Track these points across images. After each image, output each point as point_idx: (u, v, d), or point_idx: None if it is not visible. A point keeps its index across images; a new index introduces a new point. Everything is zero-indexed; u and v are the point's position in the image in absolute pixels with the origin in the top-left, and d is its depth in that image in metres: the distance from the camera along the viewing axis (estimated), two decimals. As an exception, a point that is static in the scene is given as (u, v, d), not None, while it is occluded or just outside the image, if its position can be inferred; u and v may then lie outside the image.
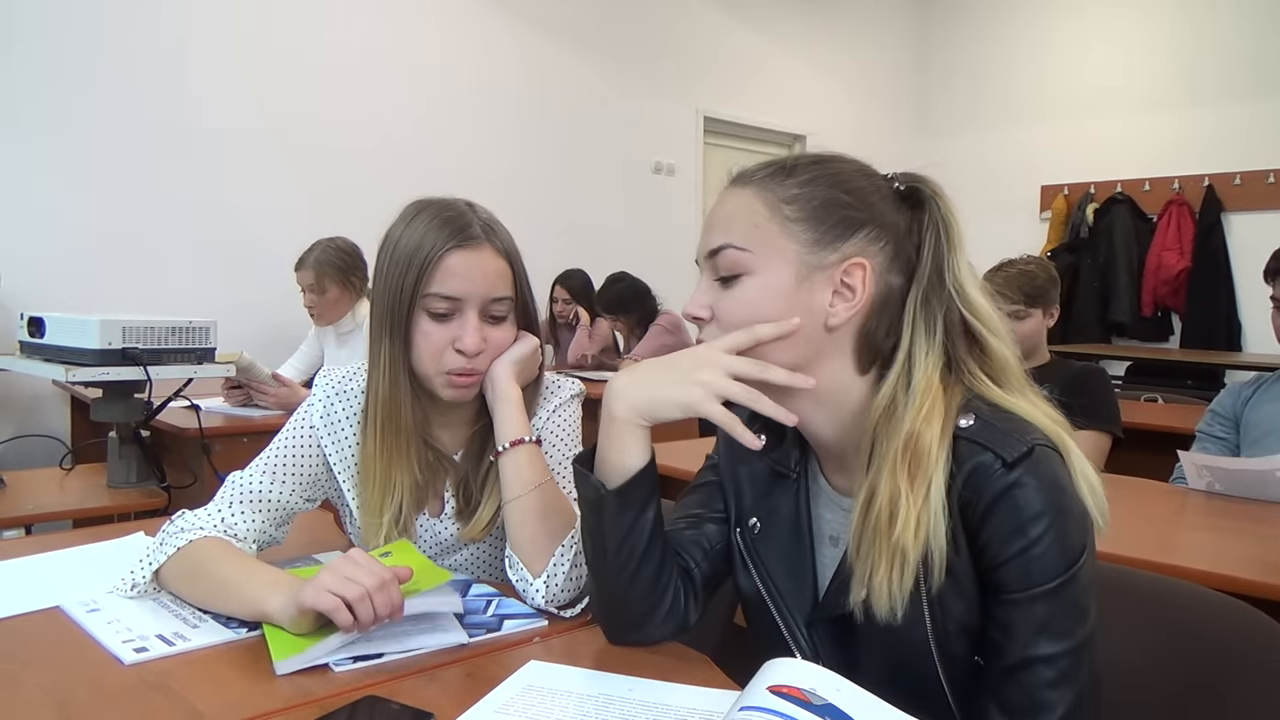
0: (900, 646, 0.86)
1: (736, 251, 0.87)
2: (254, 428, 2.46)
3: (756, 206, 0.88)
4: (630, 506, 0.92)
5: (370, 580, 0.92)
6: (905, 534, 0.80)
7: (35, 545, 1.34)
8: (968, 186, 7.60)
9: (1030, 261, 2.48)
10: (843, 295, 0.87)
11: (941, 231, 0.89)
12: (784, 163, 0.91)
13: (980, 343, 0.88)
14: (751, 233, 0.87)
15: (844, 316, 0.87)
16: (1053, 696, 0.80)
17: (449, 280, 1.12)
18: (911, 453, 0.82)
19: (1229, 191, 5.81)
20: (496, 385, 1.16)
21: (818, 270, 0.86)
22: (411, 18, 4.58)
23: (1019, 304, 2.40)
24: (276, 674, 0.89)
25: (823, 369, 0.88)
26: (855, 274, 0.86)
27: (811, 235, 0.86)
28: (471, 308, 1.13)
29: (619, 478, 0.92)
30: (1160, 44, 6.13)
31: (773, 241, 0.87)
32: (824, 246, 0.86)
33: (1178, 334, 6.06)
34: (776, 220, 0.87)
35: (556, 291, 4.61)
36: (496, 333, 1.16)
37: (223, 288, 3.88)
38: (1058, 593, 0.79)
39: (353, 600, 0.90)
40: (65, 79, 3.56)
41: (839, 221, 0.87)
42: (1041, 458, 0.81)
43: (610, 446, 0.92)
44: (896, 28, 7.22)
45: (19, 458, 2.83)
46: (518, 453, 1.13)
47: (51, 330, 2.03)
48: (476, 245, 1.13)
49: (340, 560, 0.95)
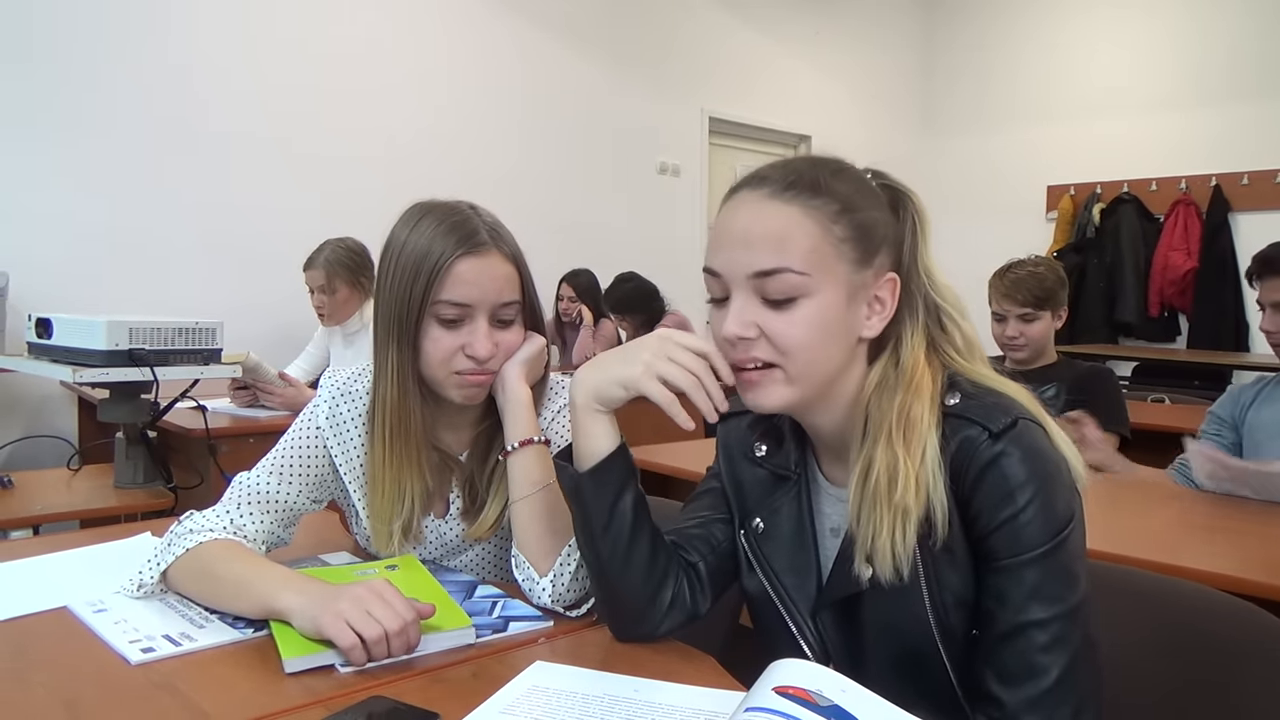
0: (901, 626, 0.88)
1: (797, 276, 0.86)
2: (260, 428, 2.46)
3: (809, 228, 0.87)
4: (606, 487, 0.95)
5: (392, 623, 0.91)
6: (906, 495, 0.84)
7: (43, 545, 1.35)
8: (974, 187, 7.59)
9: (1039, 263, 2.47)
10: (874, 309, 0.91)
11: (918, 225, 0.94)
12: (803, 175, 0.89)
13: (947, 323, 0.93)
14: (809, 256, 0.86)
15: (876, 329, 0.91)
16: (1046, 661, 0.82)
17: (458, 288, 1.11)
18: (905, 422, 0.86)
19: (1236, 191, 5.79)
20: (507, 386, 1.17)
21: (861, 289, 0.90)
22: (417, 18, 4.58)
23: (1028, 306, 2.39)
24: (285, 671, 0.89)
25: (846, 372, 0.92)
26: (888, 288, 0.91)
27: (856, 255, 0.89)
28: (482, 314, 1.13)
29: (590, 460, 0.95)
30: (1167, 44, 6.11)
31: (828, 264, 0.87)
32: (864, 265, 0.89)
33: (1184, 334, 6.04)
34: (829, 242, 0.87)
35: (563, 289, 4.63)
36: (506, 336, 1.16)
37: (230, 289, 3.88)
38: (1047, 558, 0.83)
39: (370, 641, 0.90)
40: (74, 82, 3.57)
41: (876, 239, 0.90)
42: (1025, 430, 0.85)
43: (578, 434, 0.96)
44: (902, 28, 7.21)
45: (27, 458, 2.85)
46: (527, 453, 1.14)
47: (59, 331, 2.04)
48: (485, 251, 1.13)
49: (366, 591, 0.93)
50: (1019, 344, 2.43)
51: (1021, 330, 2.42)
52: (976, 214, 6.55)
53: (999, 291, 2.43)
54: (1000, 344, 2.49)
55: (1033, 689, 0.82)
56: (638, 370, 0.90)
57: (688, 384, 0.89)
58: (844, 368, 0.91)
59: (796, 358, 0.87)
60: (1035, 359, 2.46)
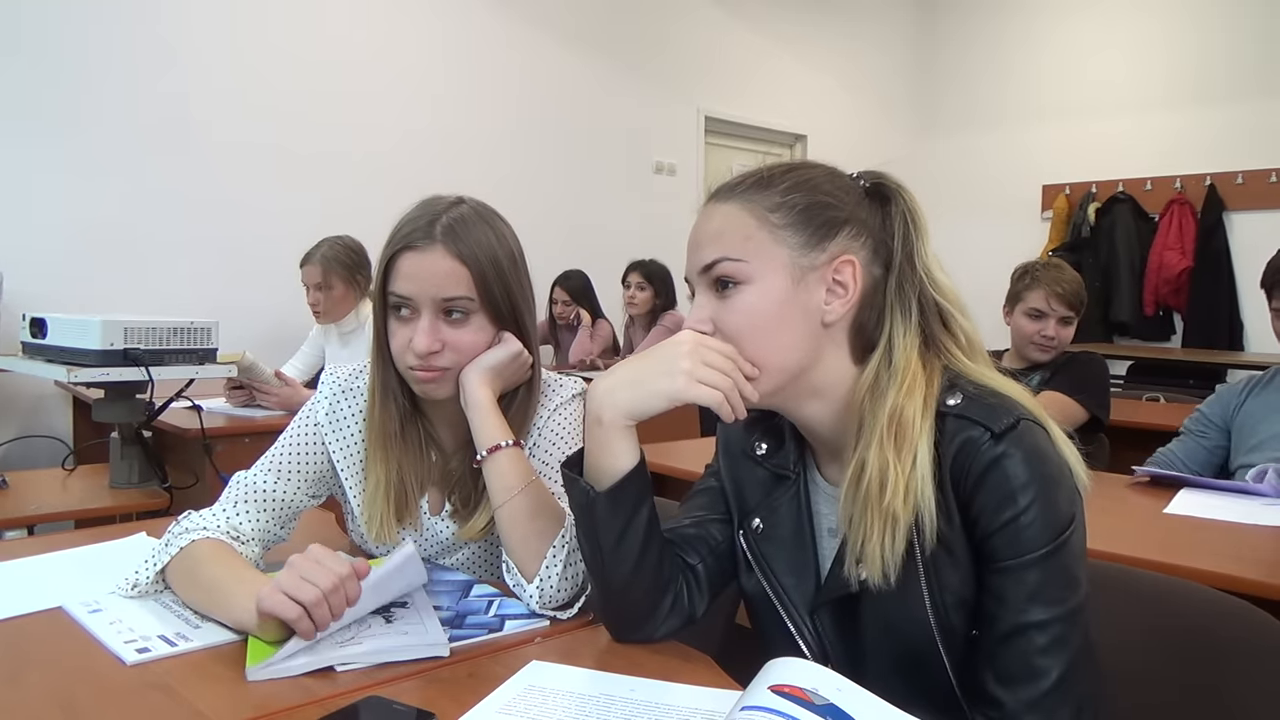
0: (901, 625, 0.88)
1: (732, 263, 0.90)
2: (256, 428, 2.46)
3: (744, 219, 0.91)
4: (622, 507, 0.94)
5: (325, 580, 0.91)
6: (895, 500, 0.84)
7: (38, 546, 1.34)
8: (969, 186, 7.60)
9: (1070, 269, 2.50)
10: (835, 292, 0.91)
11: (909, 221, 0.94)
12: (759, 175, 0.94)
13: (950, 322, 0.93)
14: (743, 244, 0.90)
15: (840, 312, 0.91)
16: (1046, 663, 0.82)
17: (399, 280, 1.14)
18: (896, 425, 0.86)
19: (1231, 191, 5.81)
20: (465, 392, 1.16)
21: (810, 271, 0.90)
22: (412, 19, 4.57)
23: (1073, 310, 2.42)
24: (247, 679, 0.88)
25: (822, 364, 0.92)
26: (845, 270, 0.91)
27: (799, 239, 0.90)
28: (425, 307, 1.13)
29: (608, 480, 0.93)
30: (1162, 43, 6.12)
31: (765, 249, 0.90)
32: (812, 248, 0.90)
33: (1179, 333, 6.05)
34: (765, 229, 0.90)
35: (556, 293, 4.61)
36: (455, 334, 1.14)
37: (225, 288, 3.88)
38: (1048, 560, 0.83)
39: (309, 604, 0.89)
40: (67, 80, 3.56)
41: (823, 223, 0.91)
42: (1026, 431, 0.85)
43: (599, 452, 0.94)
44: (899, 27, 7.21)
45: (21, 458, 2.84)
46: (497, 459, 1.12)
47: (54, 331, 2.03)
48: (426, 246, 1.13)
49: (298, 558, 0.95)
50: (1051, 344, 2.43)
51: (1058, 332, 2.43)
52: (972, 213, 6.56)
53: (1049, 289, 2.41)
54: (1028, 341, 2.47)
55: (1033, 690, 0.82)
56: (680, 381, 0.88)
57: (727, 385, 0.89)
58: (813, 357, 0.91)
59: (744, 344, 0.89)
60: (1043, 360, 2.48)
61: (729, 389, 0.88)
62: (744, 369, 0.89)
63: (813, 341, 0.91)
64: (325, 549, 0.97)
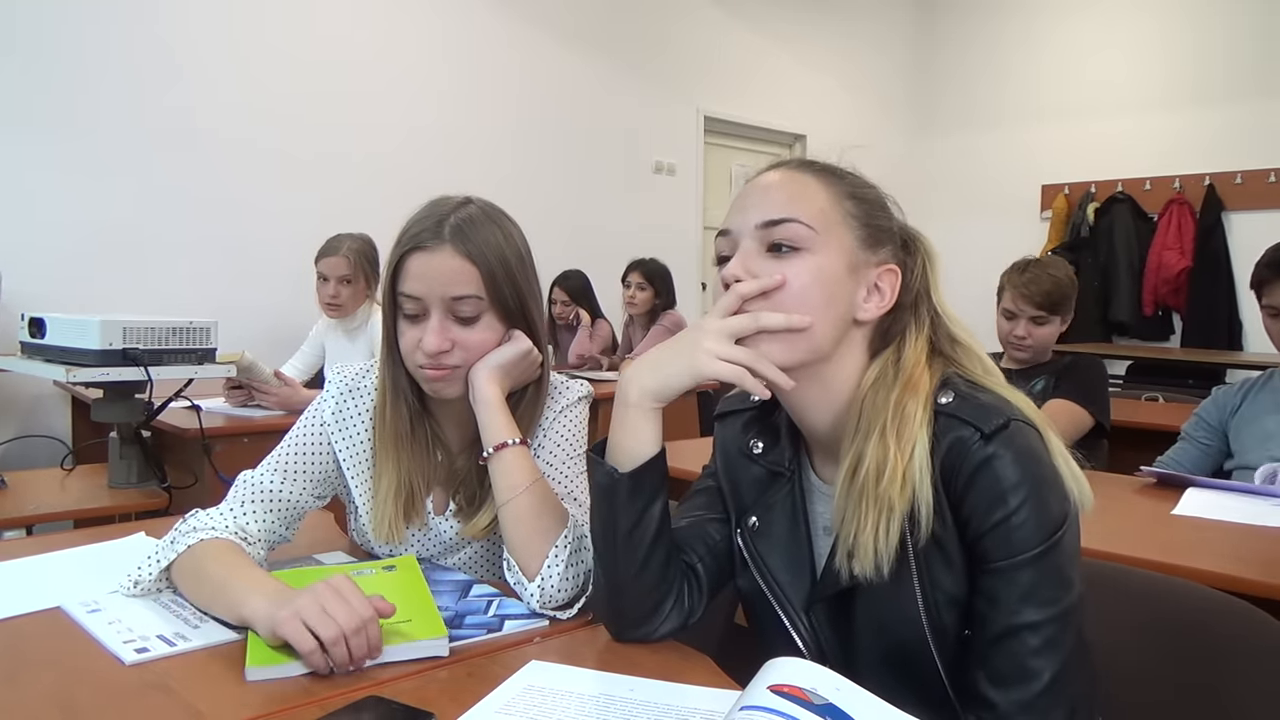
0: (893, 624, 0.89)
1: (803, 228, 0.90)
2: (255, 428, 2.46)
3: (822, 193, 0.92)
4: (642, 492, 0.95)
5: (348, 621, 0.89)
6: (891, 488, 0.84)
7: (36, 546, 1.34)
8: (968, 186, 7.62)
9: (1055, 266, 2.44)
10: (873, 295, 0.93)
11: (928, 264, 0.97)
12: (831, 165, 0.96)
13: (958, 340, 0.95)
14: (818, 215, 0.91)
15: (872, 314, 0.93)
16: (1039, 664, 0.82)
17: (408, 281, 1.14)
18: (900, 418, 0.87)
19: (1230, 190, 5.81)
20: (474, 389, 1.16)
21: (861, 267, 0.92)
22: (413, 17, 4.58)
23: (1042, 309, 2.36)
24: (246, 679, 0.88)
25: (839, 358, 0.93)
26: (887, 279, 0.93)
27: (863, 233, 0.93)
28: (434, 307, 1.13)
29: (631, 463, 0.94)
30: (1161, 43, 6.13)
31: (834, 228, 0.91)
32: (868, 247, 0.93)
33: (1178, 333, 6.06)
34: (839, 210, 0.92)
35: (555, 293, 4.60)
36: (465, 333, 1.15)
37: (224, 288, 3.88)
38: (1040, 561, 0.83)
39: (327, 642, 0.88)
40: (66, 80, 3.56)
41: (879, 229, 0.94)
42: (1017, 432, 0.85)
43: (624, 433, 0.95)
44: (898, 27, 7.22)
45: (20, 458, 2.84)
46: (503, 456, 1.13)
47: (52, 331, 2.03)
48: (435, 246, 1.13)
49: (324, 587, 0.92)
50: (1025, 344, 2.40)
51: (1030, 331, 2.39)
52: (971, 213, 6.57)
53: (1016, 290, 2.38)
54: (1004, 341, 2.46)
55: (1025, 692, 0.82)
56: (701, 358, 0.89)
57: (750, 357, 0.88)
58: (837, 345, 0.92)
59: (789, 306, 0.88)
60: (1035, 360, 2.45)
61: (753, 360, 0.88)
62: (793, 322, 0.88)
63: (842, 332, 0.92)
64: (350, 583, 0.94)
